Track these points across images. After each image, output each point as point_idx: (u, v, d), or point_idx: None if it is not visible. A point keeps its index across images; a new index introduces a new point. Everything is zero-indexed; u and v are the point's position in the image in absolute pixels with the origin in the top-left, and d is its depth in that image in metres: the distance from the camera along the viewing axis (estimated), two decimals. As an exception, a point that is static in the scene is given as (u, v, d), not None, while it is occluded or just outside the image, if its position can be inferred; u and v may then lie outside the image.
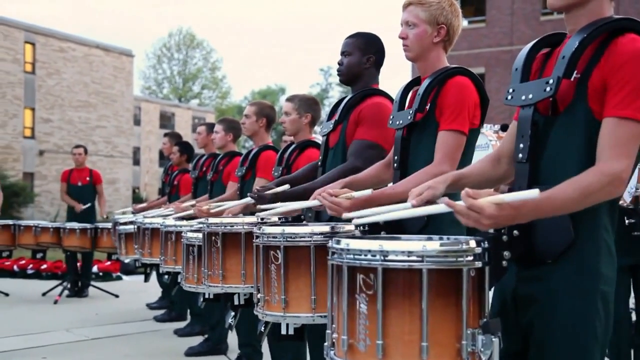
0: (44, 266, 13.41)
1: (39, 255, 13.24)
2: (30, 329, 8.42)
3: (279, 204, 3.81)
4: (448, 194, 2.54)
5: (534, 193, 2.04)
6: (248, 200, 4.66)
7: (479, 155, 3.36)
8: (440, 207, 2.29)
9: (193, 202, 6.56)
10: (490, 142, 5.71)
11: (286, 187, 4.16)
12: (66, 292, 10.92)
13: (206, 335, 7.33)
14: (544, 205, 2.15)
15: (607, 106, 2.28)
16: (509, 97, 2.59)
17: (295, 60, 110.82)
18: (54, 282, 11.65)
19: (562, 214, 2.26)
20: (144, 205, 9.60)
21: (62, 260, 12.40)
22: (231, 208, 5.07)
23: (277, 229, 3.35)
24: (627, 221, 5.09)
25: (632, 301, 5.49)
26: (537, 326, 2.43)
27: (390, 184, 3.41)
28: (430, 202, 2.60)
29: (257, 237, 3.41)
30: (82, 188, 11.44)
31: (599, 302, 2.36)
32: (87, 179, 11.48)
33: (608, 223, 2.39)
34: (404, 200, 2.63)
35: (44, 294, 11.10)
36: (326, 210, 3.19)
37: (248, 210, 5.18)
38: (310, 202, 3.32)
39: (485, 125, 4.88)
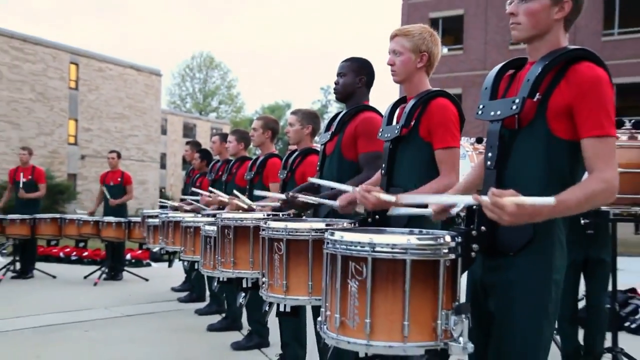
0: (85, 253, 13.47)
1: (81, 244, 13.31)
2: (75, 306, 8.44)
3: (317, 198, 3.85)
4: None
5: (550, 200, 2.06)
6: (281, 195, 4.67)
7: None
8: (468, 199, 2.30)
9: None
10: (467, 152, 5.71)
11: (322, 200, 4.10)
12: (104, 275, 10.93)
13: (224, 314, 7.35)
14: (558, 208, 2.15)
15: (583, 128, 2.31)
16: (480, 112, 2.61)
17: (299, 80, 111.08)
18: (94, 267, 11.70)
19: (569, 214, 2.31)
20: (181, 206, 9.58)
21: (101, 249, 12.41)
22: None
23: (280, 224, 3.35)
24: (582, 221, 5.10)
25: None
26: (500, 308, 2.45)
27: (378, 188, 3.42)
28: (447, 210, 2.69)
29: (263, 230, 3.42)
30: (113, 187, 11.46)
31: (552, 288, 2.40)
32: (118, 179, 11.50)
33: (562, 223, 2.42)
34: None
35: (85, 277, 11.12)
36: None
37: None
38: (345, 187, 3.35)
39: (462, 137, 4.91)
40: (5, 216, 11.12)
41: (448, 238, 2.31)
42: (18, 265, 11.25)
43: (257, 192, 4.97)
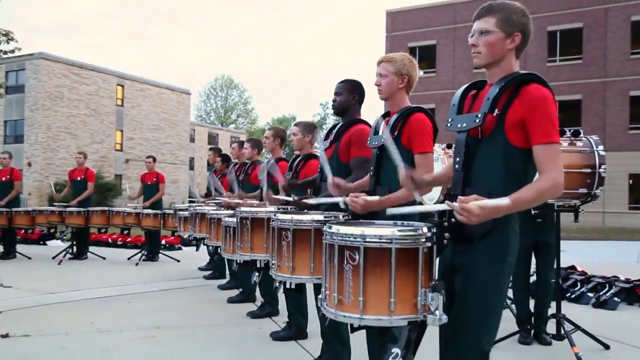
0: (129, 239, 13.42)
1: (125, 232, 13.27)
2: (120, 282, 8.42)
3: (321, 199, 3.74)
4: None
5: (505, 201, 2.10)
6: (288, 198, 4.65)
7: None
8: (443, 206, 2.28)
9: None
10: (440, 156, 5.68)
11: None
12: (144, 257, 10.90)
13: (241, 289, 7.33)
14: (514, 205, 2.16)
15: (533, 137, 2.32)
16: (449, 125, 2.61)
17: (303, 97, 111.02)
18: (136, 250, 11.70)
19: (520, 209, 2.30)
20: (203, 200, 9.56)
21: (142, 235, 12.39)
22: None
23: (287, 216, 3.34)
24: (533, 212, 5.13)
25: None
26: (463, 283, 2.43)
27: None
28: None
29: (273, 221, 3.40)
30: (150, 186, 11.42)
31: (506, 267, 2.40)
32: (154, 179, 11.44)
33: (516, 214, 2.41)
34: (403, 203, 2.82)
35: (129, 259, 11.09)
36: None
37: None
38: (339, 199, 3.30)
39: (436, 144, 4.94)
40: (64, 209, 11.13)
41: (425, 229, 2.30)
42: (75, 249, 11.24)
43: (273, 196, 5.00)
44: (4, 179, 11.09)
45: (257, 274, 4.54)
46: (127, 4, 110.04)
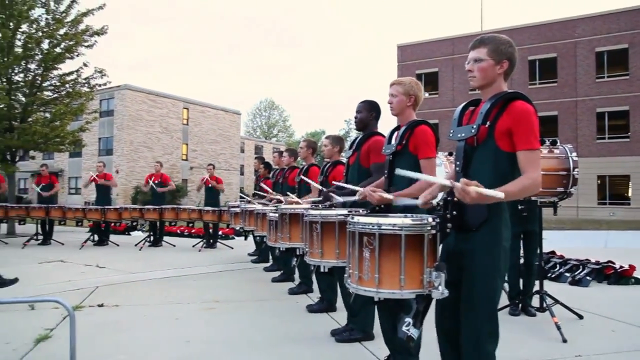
0: (193, 230, 13.53)
1: (190, 224, 13.40)
2: (186, 264, 8.51)
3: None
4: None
5: (500, 195, 2.03)
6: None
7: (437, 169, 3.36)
8: (446, 181, 2.23)
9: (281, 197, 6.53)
10: (442, 162, 5.61)
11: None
12: (205, 245, 11.02)
13: (282, 271, 7.32)
14: (504, 196, 2.09)
15: (518, 144, 2.28)
16: (451, 135, 2.57)
17: (330, 115, 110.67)
18: (199, 240, 11.84)
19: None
20: (250, 199, 9.62)
21: (203, 228, 12.51)
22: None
23: (316, 212, 3.33)
24: (519, 207, 5.04)
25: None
26: (467, 266, 2.38)
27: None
28: (429, 202, 2.62)
29: (306, 216, 3.39)
30: (210, 188, 11.52)
31: (502, 252, 2.34)
32: (214, 182, 11.56)
33: (506, 207, 2.37)
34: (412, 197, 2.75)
35: (193, 246, 11.24)
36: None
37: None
38: (356, 187, 3.28)
39: (440, 152, 4.87)
40: (143, 206, 11.47)
41: (430, 219, 2.27)
42: (152, 238, 11.44)
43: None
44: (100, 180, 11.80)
45: (295, 258, 4.51)
46: (193, 46, 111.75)
